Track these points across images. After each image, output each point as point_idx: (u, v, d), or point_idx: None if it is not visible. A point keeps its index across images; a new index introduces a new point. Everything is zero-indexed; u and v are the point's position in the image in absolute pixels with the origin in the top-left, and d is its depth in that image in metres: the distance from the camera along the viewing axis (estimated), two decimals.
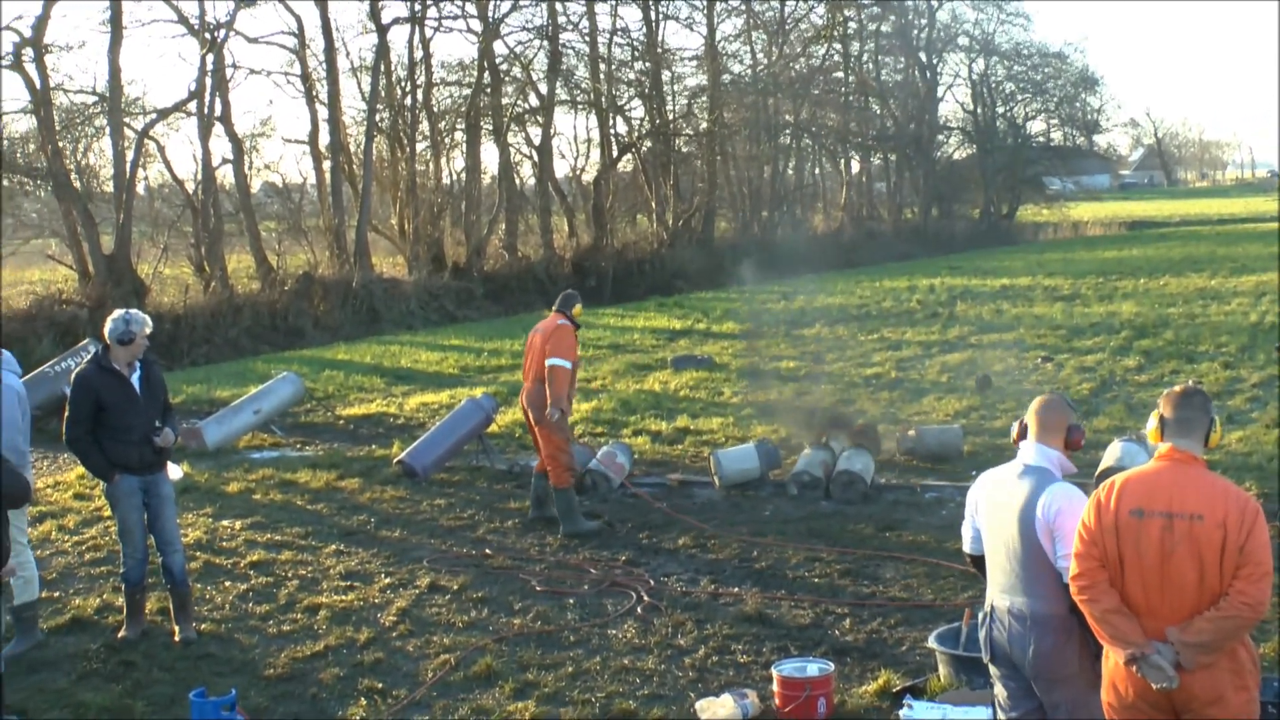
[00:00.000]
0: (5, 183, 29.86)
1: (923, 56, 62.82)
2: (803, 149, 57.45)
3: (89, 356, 9.73)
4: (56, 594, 10.60)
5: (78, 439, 9.21)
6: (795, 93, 52.74)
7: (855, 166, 63.34)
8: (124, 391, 9.11)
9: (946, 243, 56.84)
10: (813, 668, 7.93)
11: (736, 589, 10.15)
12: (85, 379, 9.13)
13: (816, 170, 61.48)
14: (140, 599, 9.58)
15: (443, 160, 42.65)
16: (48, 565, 11.31)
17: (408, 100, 39.94)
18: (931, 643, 8.16)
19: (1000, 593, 5.75)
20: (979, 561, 6.02)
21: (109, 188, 33.07)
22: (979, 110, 66.90)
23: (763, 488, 13.37)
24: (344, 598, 10.28)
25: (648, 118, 47.96)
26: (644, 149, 47.49)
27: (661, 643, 9.04)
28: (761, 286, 36.85)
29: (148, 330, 9.31)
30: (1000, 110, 68.04)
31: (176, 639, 9.36)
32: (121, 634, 9.48)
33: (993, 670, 5.89)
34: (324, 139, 37.04)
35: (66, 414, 9.22)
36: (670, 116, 48.44)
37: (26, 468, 9.08)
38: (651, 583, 10.40)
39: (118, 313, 9.24)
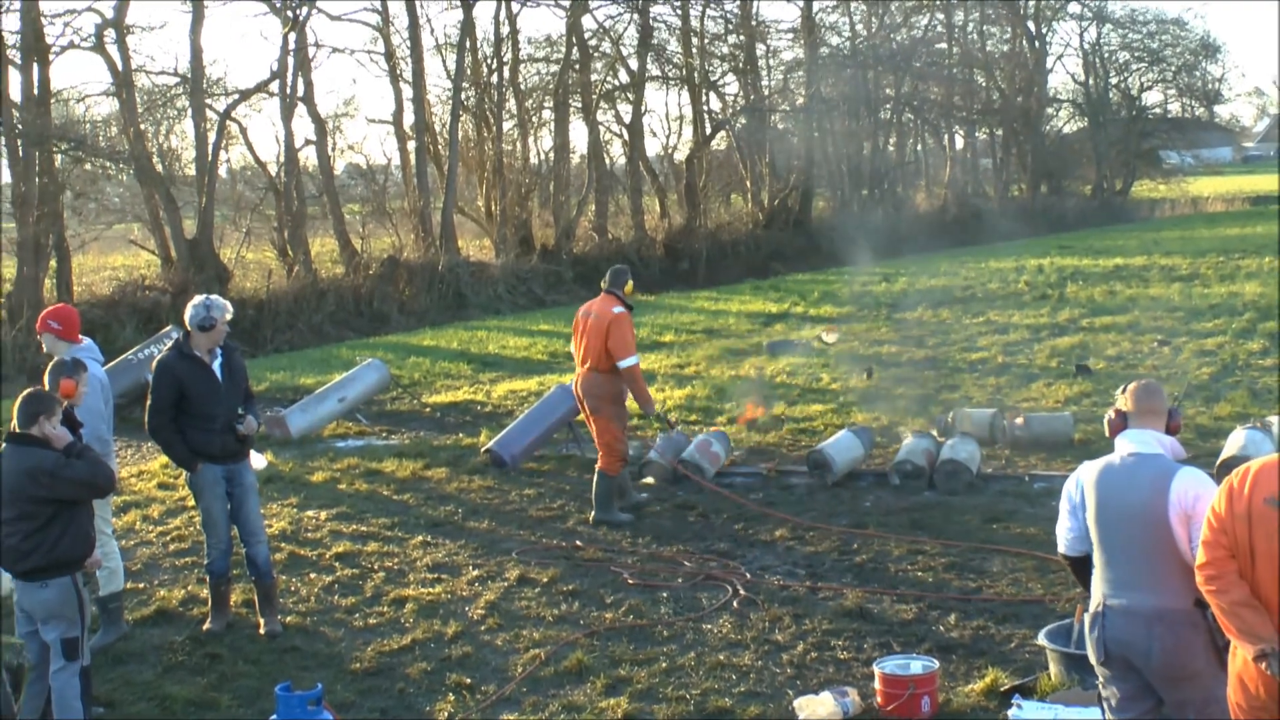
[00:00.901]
0: (88, 166, 30.36)
1: (1031, 25, 61.88)
2: (904, 124, 56.88)
3: (170, 343, 9.89)
4: (141, 585, 10.81)
5: (160, 427, 9.36)
6: (896, 65, 52.20)
7: (959, 142, 62.68)
8: (206, 379, 9.22)
9: (1056, 221, 56.02)
10: (916, 665, 7.88)
11: (836, 583, 10.12)
12: (167, 366, 9.27)
13: (919, 146, 60.86)
14: (225, 591, 9.70)
15: (530, 139, 42.86)
16: (132, 556, 11.54)
17: (494, 78, 40.12)
18: (1041, 639, 8.07)
19: (1115, 590, 5.64)
20: (1079, 563, 5.91)
21: (191, 171, 33.55)
22: (1091, 81, 65.79)
23: (863, 477, 13.31)
24: (431, 590, 10.39)
25: (742, 93, 47.78)
26: (738, 126, 47.33)
27: (758, 638, 9.03)
28: (861, 268, 36.59)
29: (228, 316, 9.42)
30: (1114, 81, 66.86)
31: (261, 631, 9.50)
32: (206, 626, 9.63)
33: (1103, 672, 5.80)
34: (408, 118, 37.30)
35: (148, 402, 9.38)
36: (765, 92, 48.22)
37: (110, 456, 9.25)
38: (748, 576, 10.39)
39: (198, 299, 9.37)
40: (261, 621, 9.58)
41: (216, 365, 9.29)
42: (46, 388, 8.27)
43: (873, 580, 10.20)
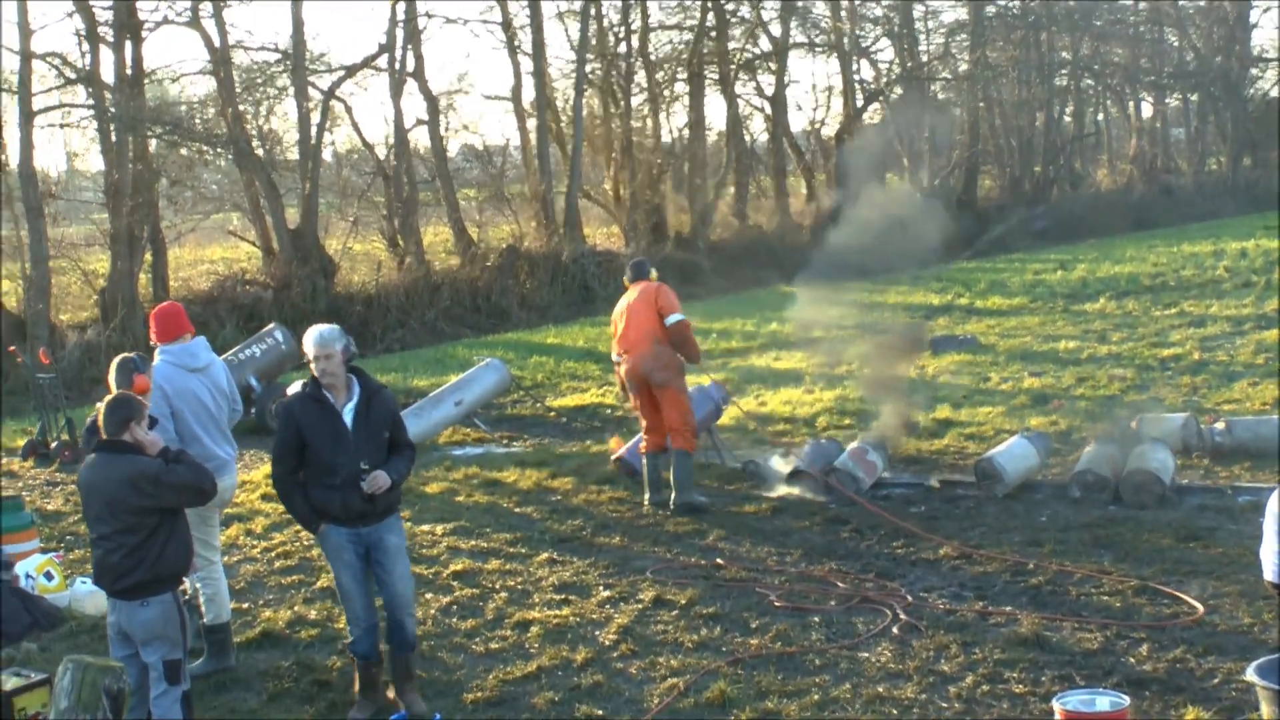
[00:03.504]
0: (184, 151, 31.05)
1: None
2: (1083, 91, 56.05)
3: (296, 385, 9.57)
4: (245, 605, 11.04)
5: (279, 479, 8.81)
6: (1074, 25, 51.44)
7: (1147, 110, 61.51)
8: (330, 424, 8.54)
9: (1261, 198, 54.66)
10: (1103, 701, 7.75)
11: (1009, 607, 10.01)
12: (286, 409, 8.75)
13: (1100, 116, 59.95)
14: (374, 673, 8.89)
15: (662, 115, 43.00)
16: (235, 573, 11.79)
17: (621, 48, 40.31)
18: (1250, 675, 7.88)
19: None
20: None
21: (293, 155, 34.12)
22: None
23: (1038, 489, 13.14)
24: (558, 613, 10.46)
25: (897, 60, 47.48)
26: (894, 96, 46.99)
27: (921, 668, 8.96)
28: (1035, 254, 36.05)
29: (335, 349, 8.55)
30: None
31: (402, 710, 8.76)
32: (352, 716, 8.84)
33: None
34: (528, 94, 37.64)
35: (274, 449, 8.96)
36: (924, 58, 47.80)
37: (223, 465, 9.46)
38: (909, 599, 10.32)
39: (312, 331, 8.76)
40: (400, 701, 8.83)
41: (349, 408, 8.56)
42: (114, 389, 8.50)
43: (1051, 605, 10.06)
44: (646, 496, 13.51)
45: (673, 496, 13.18)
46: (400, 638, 8.79)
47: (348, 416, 8.53)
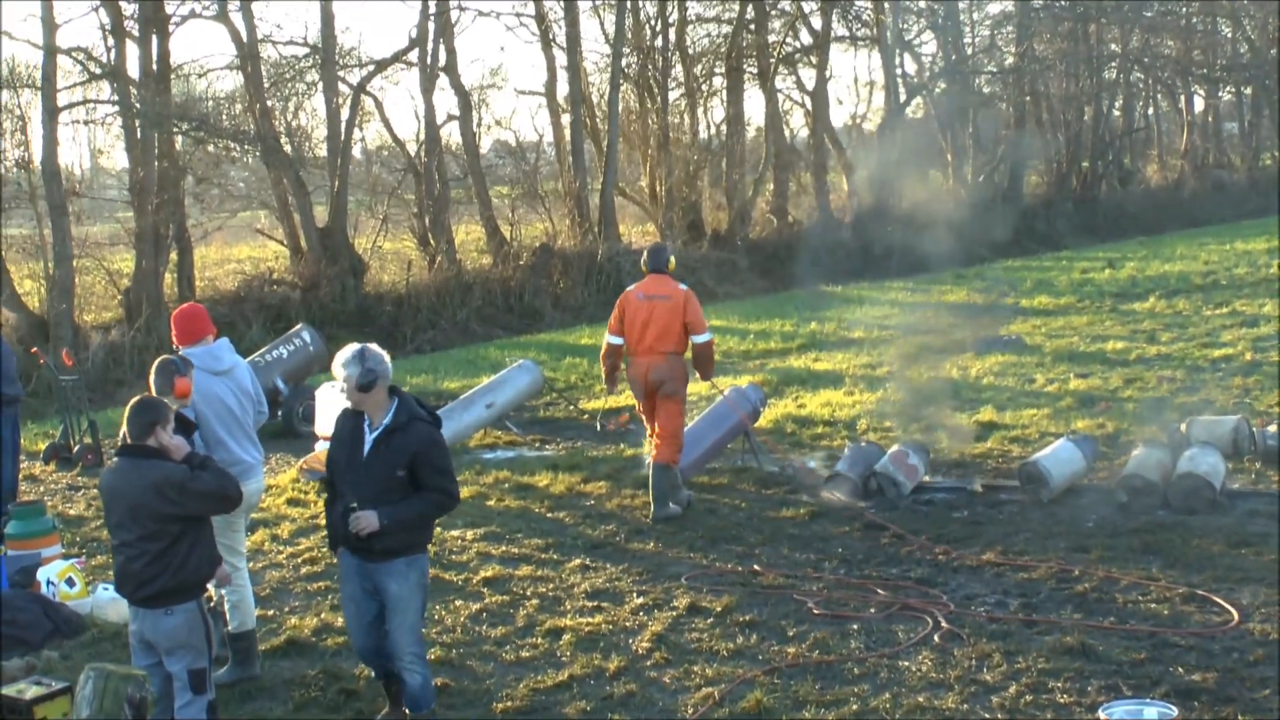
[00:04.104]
0: (211, 148, 31.16)
1: None
2: (1133, 85, 55.78)
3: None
4: (271, 612, 11.08)
5: (326, 486, 8.68)
6: (1123, 17, 51.20)
7: (1199, 104, 61.21)
8: (351, 446, 8.27)
9: None
10: (1151, 712, 7.74)
11: (1054, 615, 9.98)
12: (341, 416, 8.52)
13: (1150, 110, 59.64)
14: (395, 689, 8.64)
15: (699, 110, 42.93)
16: (260, 579, 11.84)
17: (658, 41, 40.29)
18: None
19: None
20: None
21: (322, 152, 34.19)
22: None
23: (1084, 494, 13.09)
24: (590, 620, 10.48)
25: (941, 54, 47.31)
26: (937, 91, 46.86)
27: (963, 677, 8.94)
28: (1082, 252, 35.88)
29: (343, 373, 8.21)
30: None
31: None
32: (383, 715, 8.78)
33: None
34: (562, 89, 37.69)
35: None
36: (968, 51, 47.65)
37: (249, 469, 9.51)
38: (951, 606, 10.30)
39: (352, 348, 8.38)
40: None
41: (372, 436, 8.22)
42: (153, 392, 8.51)
43: (1097, 613, 10.03)
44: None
45: (652, 511, 13.26)
46: (406, 693, 8.39)
47: (367, 444, 8.18)
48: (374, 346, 8.29)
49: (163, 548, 7.58)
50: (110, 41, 28.09)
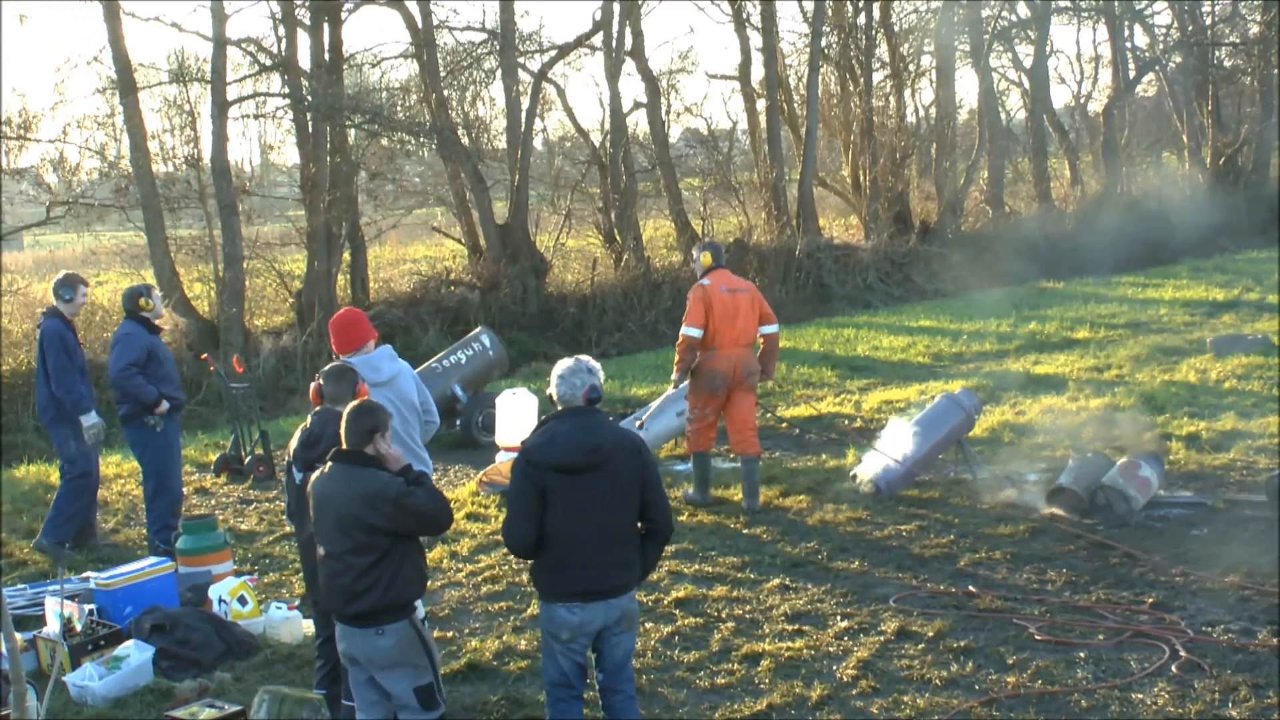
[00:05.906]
0: (385, 142, 31.67)
1: None
2: None
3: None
4: (450, 634, 11.22)
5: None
6: None
7: None
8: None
9: None
10: None
11: None
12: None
13: None
14: None
15: (907, 93, 42.71)
16: (439, 599, 12.01)
17: (860, 18, 40.08)
18: None
19: None
20: None
21: (501, 144, 34.63)
22: None
23: None
24: (791, 645, 10.45)
25: (1176, 24, 46.40)
26: (1172, 66, 45.97)
27: (1205, 712, 8.77)
28: None
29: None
30: None
31: None
32: None
33: None
34: (757, 73, 37.69)
35: None
36: (1207, 21, 46.67)
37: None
38: (1190, 633, 10.11)
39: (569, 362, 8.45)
40: None
41: None
42: (321, 401, 8.66)
43: None
44: (696, 495, 14.70)
45: (747, 502, 14.36)
46: None
47: None
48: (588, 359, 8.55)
49: (370, 563, 7.60)
50: (281, 31, 28.71)
